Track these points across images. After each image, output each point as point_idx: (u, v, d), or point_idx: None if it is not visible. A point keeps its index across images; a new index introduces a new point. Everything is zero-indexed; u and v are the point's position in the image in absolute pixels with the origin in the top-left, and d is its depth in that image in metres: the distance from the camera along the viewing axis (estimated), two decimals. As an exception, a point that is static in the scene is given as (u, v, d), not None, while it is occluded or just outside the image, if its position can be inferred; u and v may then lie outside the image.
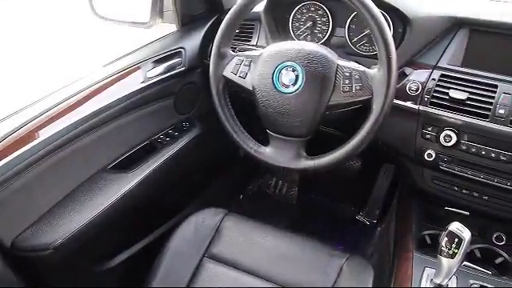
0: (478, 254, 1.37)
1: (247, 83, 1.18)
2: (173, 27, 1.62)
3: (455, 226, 1.07)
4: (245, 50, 1.26)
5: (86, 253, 1.34)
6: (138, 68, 1.46)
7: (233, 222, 1.39)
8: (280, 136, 1.16)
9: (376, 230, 2.02)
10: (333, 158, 1.12)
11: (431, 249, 1.33)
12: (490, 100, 1.17)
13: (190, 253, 1.32)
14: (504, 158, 1.19)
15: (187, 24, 1.61)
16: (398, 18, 1.32)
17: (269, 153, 1.19)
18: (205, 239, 1.35)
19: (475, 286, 1.18)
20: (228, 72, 1.21)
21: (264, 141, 1.21)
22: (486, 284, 1.19)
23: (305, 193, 2.24)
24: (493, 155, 1.20)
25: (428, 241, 1.40)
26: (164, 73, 1.48)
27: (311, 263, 1.29)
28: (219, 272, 1.29)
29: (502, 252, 1.36)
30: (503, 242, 1.38)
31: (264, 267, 1.28)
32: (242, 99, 1.25)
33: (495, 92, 1.17)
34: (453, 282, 1.18)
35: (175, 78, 1.52)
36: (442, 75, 1.24)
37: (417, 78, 1.26)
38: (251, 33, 1.52)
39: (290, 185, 2.25)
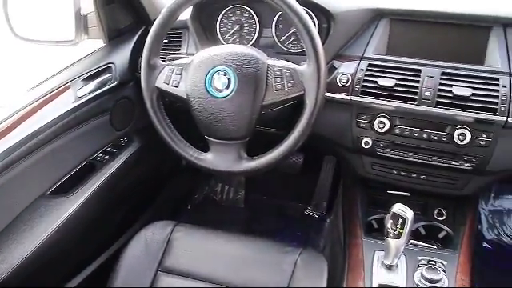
0: (423, 232, 1.44)
1: (181, 92, 1.18)
2: (100, 43, 1.59)
3: (398, 208, 1.12)
4: (175, 59, 1.25)
5: (35, 283, 1.29)
6: (68, 88, 1.42)
7: (183, 233, 1.38)
8: (219, 141, 1.17)
9: (325, 222, 2.06)
10: (273, 156, 1.14)
11: (379, 232, 1.38)
12: (416, 84, 1.23)
13: (144, 269, 1.30)
14: (435, 138, 1.25)
15: (114, 38, 1.58)
16: (322, 14, 1.36)
17: (210, 159, 1.19)
18: (157, 253, 1.33)
19: (423, 261, 1.23)
20: (160, 82, 1.20)
21: (205, 147, 1.21)
22: (432, 258, 1.25)
23: (252, 195, 2.25)
24: (424, 136, 1.26)
25: (375, 225, 1.45)
26: (95, 90, 1.45)
27: (266, 262, 1.30)
28: (175, 284, 1.27)
29: (443, 226, 1.43)
30: (444, 217, 1.45)
31: (220, 273, 1.28)
32: (178, 108, 1.24)
33: (420, 76, 1.24)
34: (402, 261, 1.22)
35: (108, 94, 1.49)
36: (370, 65, 1.29)
37: (346, 70, 1.30)
38: (180, 41, 1.51)
39: (236, 189, 2.26)
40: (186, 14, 1.44)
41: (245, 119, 1.13)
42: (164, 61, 1.25)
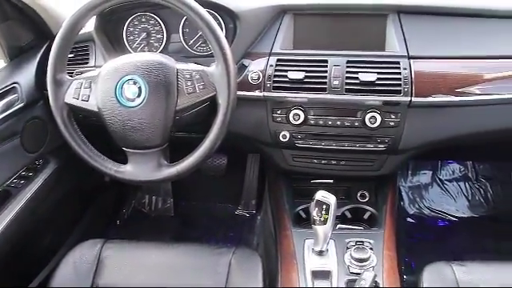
0: (349, 215, 1.50)
1: (92, 105, 1.15)
2: (1, 63, 1.51)
3: (321, 195, 1.16)
4: (84, 73, 1.22)
5: None
6: None
7: (113, 250, 1.34)
8: (136, 151, 1.15)
9: (257, 219, 2.09)
10: (193, 160, 1.14)
11: (307, 222, 1.41)
12: (324, 74, 1.28)
13: None
14: (348, 124, 1.31)
15: (17, 56, 1.51)
16: (227, 14, 1.38)
17: (129, 170, 1.17)
18: (88, 274, 1.29)
19: (351, 243, 1.28)
20: (69, 98, 1.16)
21: (125, 160, 1.19)
22: (359, 239, 1.29)
23: (181, 202, 2.24)
24: (338, 123, 1.31)
25: (303, 215, 1.49)
26: (0, 113, 1.38)
27: (200, 267, 1.29)
28: None
29: (367, 207, 1.50)
30: (367, 199, 1.52)
31: (155, 284, 1.26)
32: (93, 122, 1.21)
33: (327, 66, 1.29)
34: (331, 245, 1.26)
35: (15, 116, 1.41)
36: (278, 60, 1.32)
37: (256, 67, 1.33)
38: (88, 54, 1.47)
39: (164, 198, 2.24)
40: (90, 26, 1.40)
41: (160, 126, 1.12)
42: (72, 76, 1.22)
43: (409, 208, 2.14)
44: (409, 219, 2.12)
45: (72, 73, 1.40)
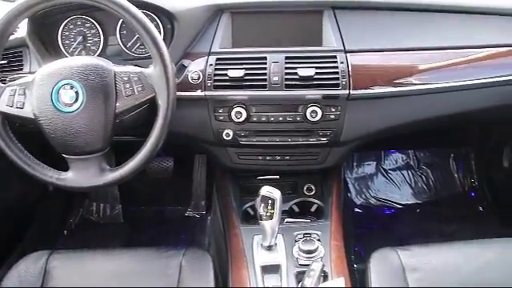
0: (297, 209, 1.52)
1: (27, 112, 1.11)
2: None
3: (265, 190, 1.17)
4: (16, 80, 1.18)
5: None
6: None
7: (60, 260, 1.31)
8: (77, 157, 1.13)
9: (207, 219, 2.08)
10: (136, 163, 1.13)
11: (256, 219, 1.42)
12: (264, 71, 1.30)
13: None
14: (290, 119, 1.33)
15: None
16: (164, 15, 1.36)
17: (71, 177, 1.14)
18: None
19: (299, 235, 1.29)
20: (3, 106, 1.12)
21: (66, 166, 1.16)
22: (307, 231, 1.32)
23: (130, 207, 2.20)
24: (280, 118, 1.33)
25: (251, 212, 1.50)
26: None
27: (151, 271, 1.28)
28: None
29: (314, 200, 1.52)
30: (313, 192, 1.54)
31: None
32: (31, 129, 1.17)
33: (266, 63, 1.30)
34: (280, 240, 1.28)
35: None
36: (218, 59, 1.32)
37: (196, 67, 1.32)
38: (21, 60, 1.42)
39: (112, 204, 2.19)
40: (23, 31, 1.36)
41: (100, 131, 1.10)
42: (5, 83, 1.17)
43: (356, 199, 2.20)
44: (356, 210, 2.17)
45: (5, 80, 1.35)
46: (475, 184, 2.28)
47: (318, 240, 1.27)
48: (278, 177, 1.54)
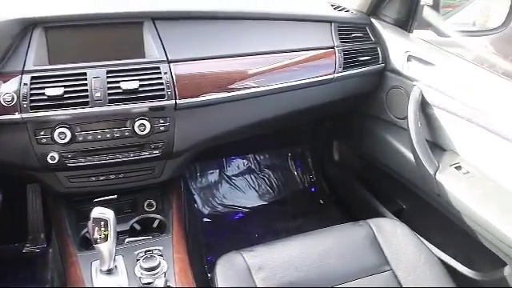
0: (138, 227, 1.47)
1: None
2: None
3: (97, 212, 1.11)
4: None
5: None
6: None
7: None
8: None
9: (48, 253, 1.92)
10: None
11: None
12: (85, 88, 1.23)
13: None
14: (118, 135, 1.28)
15: None
16: None
17: None
18: None
19: (141, 254, 1.25)
20: None
21: None
22: (148, 248, 1.28)
23: None
24: (108, 136, 1.28)
25: (89, 237, 1.41)
26: None
27: None
28: None
29: (155, 215, 1.49)
30: (154, 207, 1.51)
31: None
32: None
33: (86, 79, 1.24)
34: (120, 261, 1.22)
35: None
36: (33, 77, 1.22)
37: (8, 88, 1.21)
38: None
39: None
40: None
41: None
42: None
43: (203, 209, 2.20)
44: (205, 219, 2.17)
45: None
46: (313, 179, 2.42)
47: (161, 255, 1.24)
48: (115, 196, 1.48)
